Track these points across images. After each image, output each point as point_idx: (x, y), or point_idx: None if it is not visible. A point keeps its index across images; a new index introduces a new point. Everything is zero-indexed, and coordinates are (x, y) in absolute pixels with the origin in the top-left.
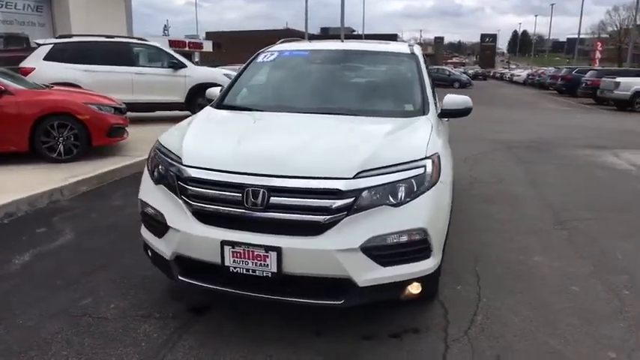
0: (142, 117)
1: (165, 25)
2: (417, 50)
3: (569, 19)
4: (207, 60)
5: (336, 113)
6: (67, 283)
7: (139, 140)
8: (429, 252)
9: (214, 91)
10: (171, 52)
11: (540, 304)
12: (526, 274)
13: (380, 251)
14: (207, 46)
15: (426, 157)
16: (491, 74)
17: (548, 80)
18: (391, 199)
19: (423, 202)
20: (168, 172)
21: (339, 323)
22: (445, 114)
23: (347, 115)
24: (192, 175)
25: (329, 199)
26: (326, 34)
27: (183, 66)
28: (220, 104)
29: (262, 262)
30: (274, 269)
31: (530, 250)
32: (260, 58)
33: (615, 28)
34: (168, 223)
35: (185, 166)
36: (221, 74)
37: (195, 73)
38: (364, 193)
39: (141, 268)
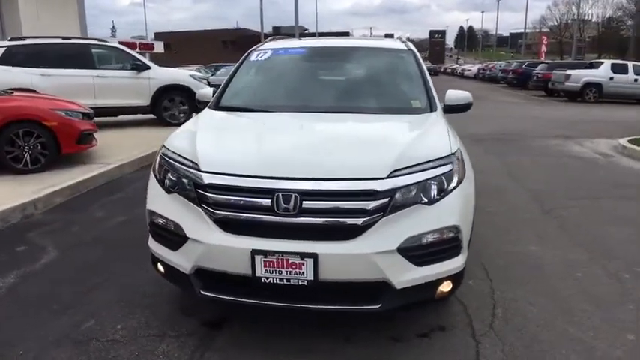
0: (105, 122)
1: (113, 27)
2: (412, 46)
3: (512, 14)
4: (160, 61)
5: (346, 111)
6: (62, 306)
7: (106, 147)
8: (460, 249)
9: (206, 92)
10: (134, 53)
11: (551, 293)
12: (529, 264)
13: (415, 251)
14: (159, 47)
15: (451, 154)
16: (442, 70)
17: (499, 74)
18: (424, 197)
19: (453, 199)
20: (182, 180)
21: (365, 328)
22: (448, 109)
23: (357, 113)
24: (213, 182)
25: (364, 200)
26: (278, 32)
27: (147, 67)
28: (218, 105)
29: (298, 270)
30: (310, 277)
31: (527, 241)
32: (253, 57)
33: (555, 23)
34: (188, 234)
35: (204, 172)
36: (187, 75)
37: (160, 74)
38: (398, 193)
39: (139, 284)
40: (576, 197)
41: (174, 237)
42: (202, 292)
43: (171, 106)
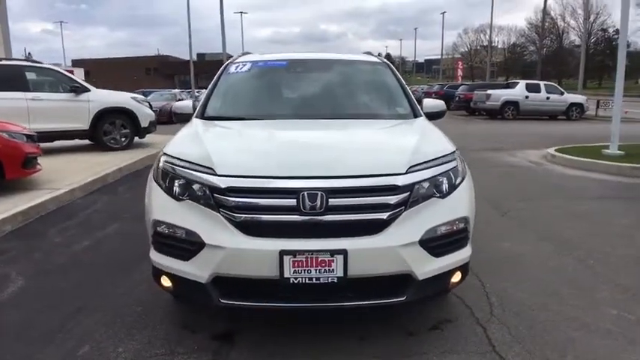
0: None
1: (29, 53)
2: (385, 59)
3: (424, 42)
4: None
5: (338, 117)
6: (48, 333)
7: (48, 172)
8: (467, 240)
9: (186, 104)
10: (72, 76)
11: (534, 281)
12: (506, 258)
13: (433, 242)
14: (79, 74)
15: (454, 152)
16: None
17: (422, 97)
18: (436, 192)
19: (461, 192)
20: (194, 186)
21: (377, 326)
22: (427, 116)
23: (350, 118)
24: (233, 185)
25: (387, 195)
26: (203, 59)
27: (86, 90)
28: (204, 116)
29: (328, 268)
30: (341, 273)
31: (496, 238)
32: (232, 69)
33: (466, 49)
34: (206, 241)
35: (221, 176)
36: (128, 98)
37: (100, 97)
38: (416, 187)
39: (129, 305)
40: (525, 199)
41: (186, 246)
42: (221, 301)
43: (112, 129)
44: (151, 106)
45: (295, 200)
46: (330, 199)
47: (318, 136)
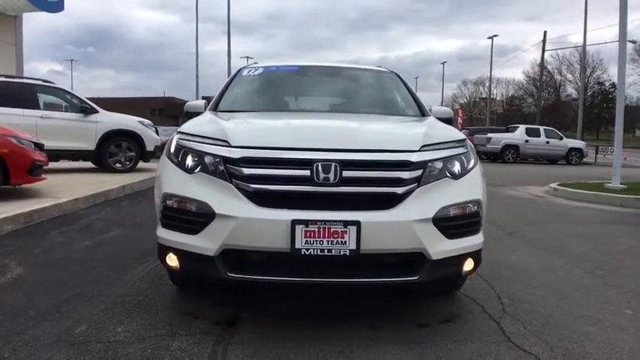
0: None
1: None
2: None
3: (423, 93)
4: None
5: (355, 113)
6: (44, 313)
7: (52, 185)
8: (480, 226)
9: (197, 104)
10: (81, 96)
11: (544, 286)
12: (515, 268)
13: (446, 222)
14: None
15: (465, 139)
16: None
17: None
18: (449, 173)
19: (474, 176)
20: (207, 158)
21: (387, 316)
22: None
23: (367, 114)
24: (247, 156)
25: (401, 170)
26: (208, 101)
27: (95, 111)
28: (217, 110)
29: (340, 239)
30: (353, 246)
31: (504, 252)
32: (245, 73)
33: (465, 100)
34: (217, 211)
35: (235, 147)
36: (136, 121)
37: (108, 119)
38: (429, 166)
39: (129, 294)
40: (530, 223)
41: (196, 218)
42: (229, 275)
43: (118, 151)
44: (157, 131)
45: (309, 171)
46: (344, 172)
47: (333, 119)
